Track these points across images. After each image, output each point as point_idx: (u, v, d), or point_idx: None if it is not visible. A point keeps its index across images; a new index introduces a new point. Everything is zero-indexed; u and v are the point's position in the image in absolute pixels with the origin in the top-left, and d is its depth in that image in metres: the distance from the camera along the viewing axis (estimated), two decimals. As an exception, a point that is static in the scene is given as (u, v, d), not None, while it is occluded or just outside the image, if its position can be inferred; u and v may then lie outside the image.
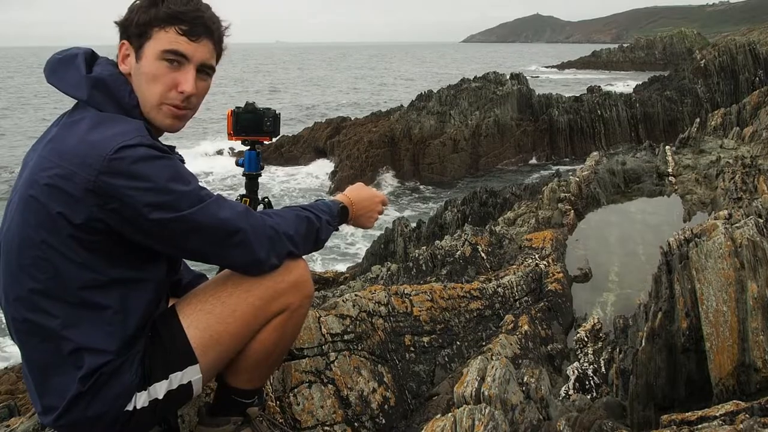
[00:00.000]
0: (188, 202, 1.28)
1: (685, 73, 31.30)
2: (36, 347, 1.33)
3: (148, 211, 1.24)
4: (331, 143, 25.94)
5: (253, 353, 1.55)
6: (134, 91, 1.38)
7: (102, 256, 1.30)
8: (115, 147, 1.22)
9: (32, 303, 1.29)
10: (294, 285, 1.51)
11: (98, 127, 1.27)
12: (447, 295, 3.40)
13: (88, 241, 1.27)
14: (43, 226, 1.25)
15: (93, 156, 1.22)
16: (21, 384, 7.08)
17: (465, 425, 1.68)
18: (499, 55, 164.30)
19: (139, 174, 1.23)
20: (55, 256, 1.27)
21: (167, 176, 1.26)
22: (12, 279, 1.30)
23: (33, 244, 1.26)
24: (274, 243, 1.43)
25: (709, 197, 6.06)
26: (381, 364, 2.58)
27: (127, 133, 1.26)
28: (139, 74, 1.38)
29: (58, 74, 1.37)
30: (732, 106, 9.84)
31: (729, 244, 2.09)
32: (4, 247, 1.32)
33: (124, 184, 1.22)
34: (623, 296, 4.19)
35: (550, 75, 75.10)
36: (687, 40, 65.30)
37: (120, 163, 1.21)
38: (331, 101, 49.96)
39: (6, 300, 1.33)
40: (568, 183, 6.82)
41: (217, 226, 1.32)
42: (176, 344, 1.42)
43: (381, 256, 8.97)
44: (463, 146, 24.34)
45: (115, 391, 1.33)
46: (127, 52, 1.40)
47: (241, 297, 1.46)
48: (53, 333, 1.29)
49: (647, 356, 2.25)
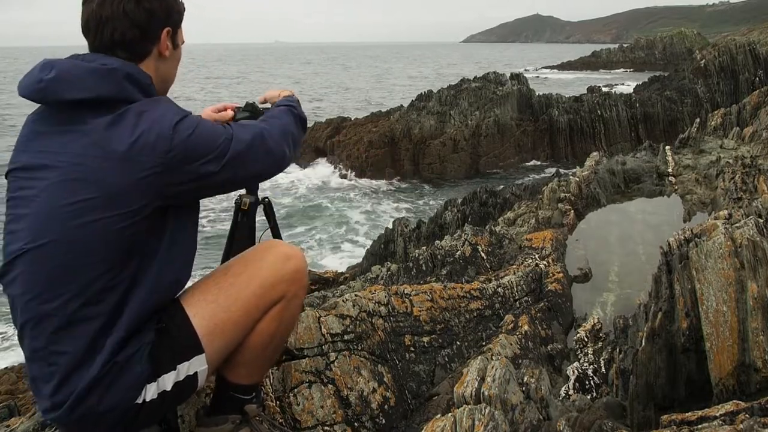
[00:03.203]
0: (227, 142, 1.41)
1: (685, 73, 31.32)
2: (66, 339, 1.31)
3: (214, 167, 1.37)
4: (331, 143, 25.96)
5: (251, 345, 1.59)
6: (153, 71, 1.47)
7: (156, 232, 1.37)
8: (172, 125, 1.32)
9: (84, 297, 1.29)
10: (292, 273, 1.61)
11: (147, 113, 1.33)
12: (447, 295, 3.40)
13: (153, 220, 1.34)
14: (116, 217, 1.29)
15: (158, 138, 1.30)
16: (21, 384, 7.07)
17: (465, 425, 1.68)
18: (509, 54, 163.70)
19: (198, 140, 1.35)
20: (122, 242, 1.30)
21: (209, 131, 1.39)
22: (66, 277, 1.29)
23: (100, 237, 1.29)
24: (285, 136, 1.58)
25: (709, 197, 6.06)
26: (381, 364, 2.58)
27: (171, 109, 1.37)
28: (174, 59, 1.53)
29: (80, 83, 1.34)
30: (732, 106, 9.84)
31: (729, 244, 2.09)
32: (47, 251, 1.30)
33: (190, 153, 1.33)
34: (623, 296, 4.19)
35: (549, 75, 75.10)
36: (687, 40, 65.37)
37: (180, 136, 1.32)
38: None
39: (49, 300, 1.30)
40: (568, 183, 6.82)
41: (249, 145, 1.45)
42: (183, 334, 1.45)
43: (381, 256, 8.98)
44: (463, 146, 24.34)
45: (128, 381, 1.34)
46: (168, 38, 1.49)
47: (243, 285, 1.54)
48: (94, 324, 1.31)
49: (647, 356, 2.25)
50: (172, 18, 1.48)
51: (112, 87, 1.33)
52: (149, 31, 1.43)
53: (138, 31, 1.41)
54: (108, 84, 1.32)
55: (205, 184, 1.39)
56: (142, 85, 1.39)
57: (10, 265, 1.34)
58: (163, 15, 1.45)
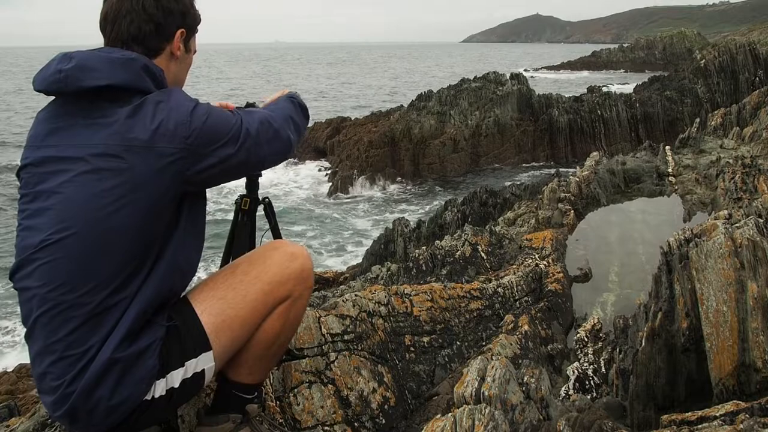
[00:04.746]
0: (239, 124, 1.45)
1: (685, 73, 31.29)
2: (87, 329, 1.31)
3: (231, 149, 1.41)
4: (331, 143, 25.95)
5: (256, 343, 1.60)
6: (165, 69, 1.49)
7: (174, 219, 1.40)
8: (188, 112, 1.36)
9: (109, 286, 1.32)
10: (299, 272, 1.62)
11: (164, 103, 1.37)
12: (447, 295, 3.40)
13: (173, 208, 1.38)
14: (140, 206, 1.32)
15: (177, 126, 1.34)
16: (21, 384, 7.08)
17: (465, 425, 1.68)
18: (514, 54, 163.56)
19: (213, 124, 1.39)
20: (146, 231, 1.34)
21: (222, 115, 1.43)
22: (91, 266, 1.31)
23: (125, 227, 1.31)
24: (288, 122, 1.62)
25: (709, 197, 6.05)
26: (381, 364, 2.58)
27: (185, 98, 1.41)
28: (185, 62, 1.58)
29: (101, 71, 1.37)
30: (732, 106, 9.83)
31: (729, 244, 2.09)
32: (72, 241, 1.31)
33: (207, 138, 1.37)
34: (623, 296, 4.19)
35: (549, 75, 75.08)
36: (687, 40, 65.35)
37: (197, 122, 1.36)
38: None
39: (74, 289, 1.31)
40: (568, 183, 6.82)
41: (258, 129, 1.49)
42: (191, 331, 1.46)
43: (381, 256, 8.97)
44: (463, 146, 24.34)
45: (140, 374, 1.34)
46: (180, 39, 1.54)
47: (251, 282, 1.56)
48: (115, 313, 1.33)
49: (647, 356, 2.25)
50: (187, 20, 1.54)
51: (130, 76, 1.37)
52: (164, 27, 1.48)
53: (153, 26, 1.46)
54: (127, 73, 1.37)
55: (225, 168, 1.43)
56: (157, 77, 1.43)
57: (27, 260, 1.34)
58: (179, 15, 1.51)
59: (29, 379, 6.97)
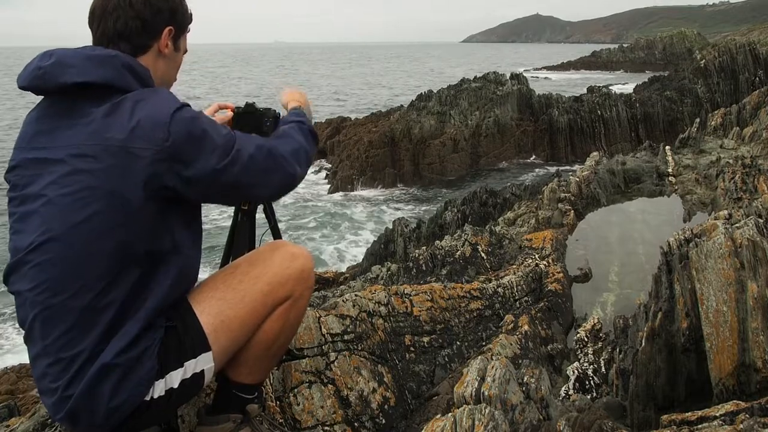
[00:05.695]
0: (231, 139, 1.40)
1: (685, 73, 31.31)
2: (79, 332, 1.31)
3: (216, 161, 1.35)
4: (331, 143, 25.95)
5: (256, 344, 1.59)
6: (152, 68, 1.47)
7: (161, 224, 1.36)
8: (169, 113, 1.31)
9: (94, 289, 1.30)
10: (299, 272, 1.61)
11: (144, 101, 1.33)
12: (447, 295, 3.40)
13: (155, 211, 1.33)
14: (116, 207, 1.29)
15: (155, 126, 1.29)
16: (21, 384, 7.08)
17: (465, 425, 1.68)
18: (519, 55, 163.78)
19: (197, 130, 1.33)
20: (126, 233, 1.30)
21: (211, 125, 1.38)
22: (74, 269, 1.30)
23: (103, 229, 1.29)
24: (297, 155, 1.56)
25: (709, 197, 6.06)
26: (381, 364, 2.58)
27: (169, 98, 1.36)
28: (174, 60, 1.54)
29: (79, 67, 1.36)
30: (732, 106, 9.84)
31: (729, 244, 2.09)
32: (56, 244, 1.30)
33: (188, 144, 1.32)
34: (623, 296, 4.19)
35: (549, 75, 75.08)
36: (687, 40, 65.34)
37: (178, 124, 1.31)
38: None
39: (60, 292, 1.30)
40: (568, 183, 6.82)
41: (255, 154, 1.43)
42: (191, 331, 1.45)
43: (381, 256, 8.98)
44: (463, 146, 24.34)
45: (139, 376, 1.33)
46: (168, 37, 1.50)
47: (251, 283, 1.54)
48: (106, 316, 1.31)
49: (647, 356, 2.25)
50: (176, 18, 1.51)
51: (110, 73, 1.34)
52: (151, 24, 1.46)
53: (140, 23, 1.44)
54: (106, 69, 1.34)
55: (219, 186, 1.38)
56: (141, 76, 1.40)
57: (18, 263, 1.34)
58: (167, 12, 1.49)
59: (29, 379, 6.98)
